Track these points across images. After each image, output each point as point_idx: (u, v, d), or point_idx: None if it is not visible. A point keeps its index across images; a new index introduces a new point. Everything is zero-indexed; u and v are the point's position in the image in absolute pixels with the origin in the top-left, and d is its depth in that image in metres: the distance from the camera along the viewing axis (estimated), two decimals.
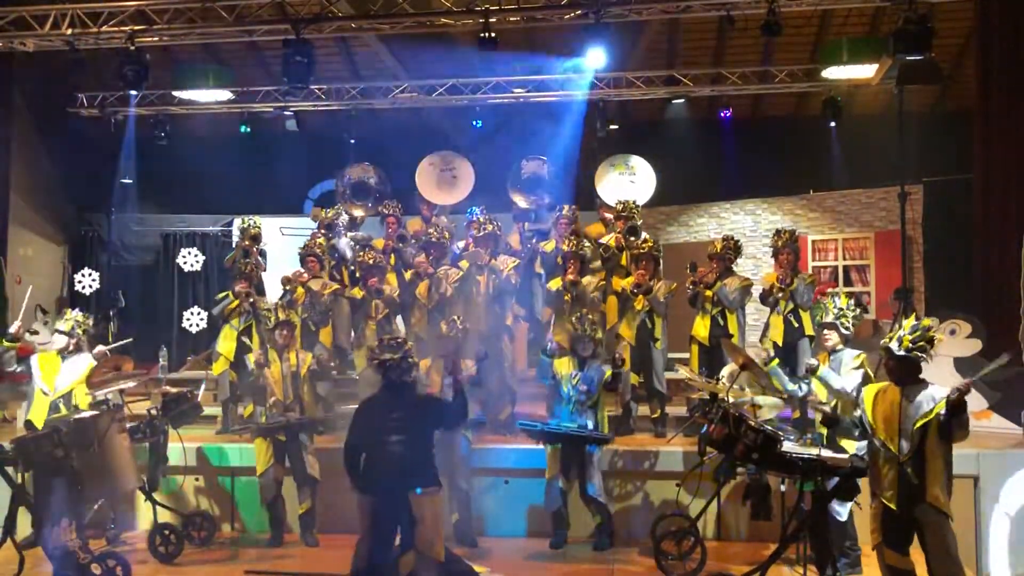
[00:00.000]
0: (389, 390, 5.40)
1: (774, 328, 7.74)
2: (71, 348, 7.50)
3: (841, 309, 6.30)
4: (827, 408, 6.05)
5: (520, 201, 9.71)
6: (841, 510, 6.02)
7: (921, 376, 5.05)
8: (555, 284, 8.31)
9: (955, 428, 4.86)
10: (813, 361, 6.29)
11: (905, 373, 5.01)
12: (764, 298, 7.90)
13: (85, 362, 7.37)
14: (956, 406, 4.79)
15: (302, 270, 8.70)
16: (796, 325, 7.69)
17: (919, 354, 4.97)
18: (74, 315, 7.64)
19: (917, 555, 5.06)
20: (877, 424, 5.06)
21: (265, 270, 9.32)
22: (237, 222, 9.51)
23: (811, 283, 7.86)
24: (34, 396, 7.38)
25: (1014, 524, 6.75)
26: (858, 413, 5.29)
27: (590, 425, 6.94)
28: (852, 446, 5.89)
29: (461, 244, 9.13)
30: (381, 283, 8.46)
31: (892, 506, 4.95)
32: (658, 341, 7.94)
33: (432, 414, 5.56)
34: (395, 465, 5.18)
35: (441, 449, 6.92)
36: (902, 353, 4.96)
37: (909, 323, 5.07)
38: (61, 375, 7.31)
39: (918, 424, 4.89)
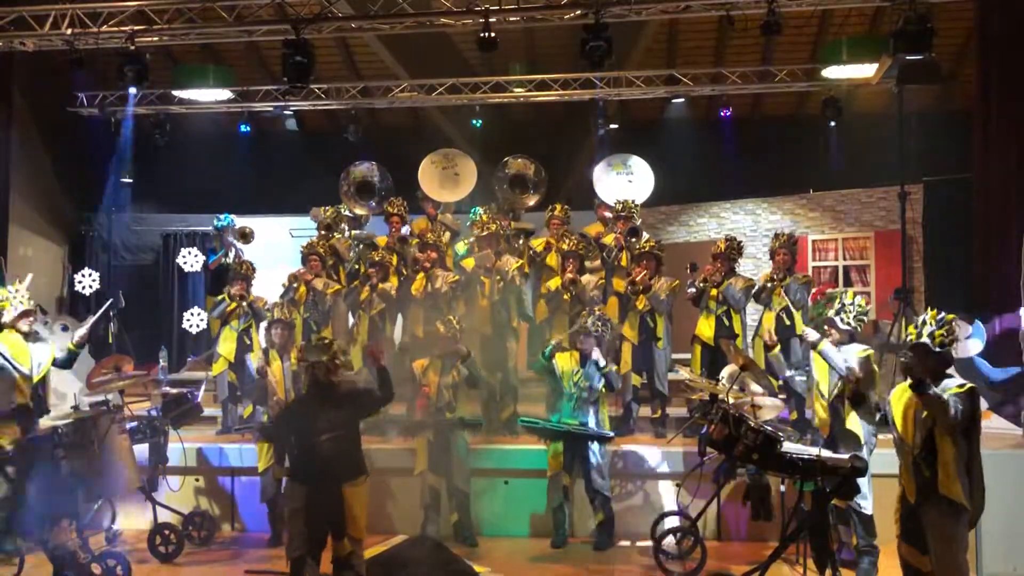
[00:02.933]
0: (318, 389, 5.56)
1: (765, 324, 7.77)
2: (30, 327, 6.81)
3: (843, 305, 6.27)
4: (856, 375, 5.92)
5: (506, 200, 9.69)
6: (866, 504, 6.00)
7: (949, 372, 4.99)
8: (555, 283, 8.31)
9: (927, 406, 4.75)
10: (814, 334, 6.08)
11: (933, 366, 4.87)
12: (758, 295, 7.94)
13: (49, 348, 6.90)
14: (915, 385, 4.71)
15: (304, 269, 8.66)
16: (787, 323, 7.72)
17: (946, 347, 4.90)
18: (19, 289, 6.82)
19: None
20: (897, 418, 5.04)
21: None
22: (232, 219, 9.49)
23: (805, 283, 7.89)
24: (15, 380, 6.62)
25: (1013, 524, 6.76)
26: (875, 398, 5.31)
27: (592, 422, 6.94)
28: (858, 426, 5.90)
29: (464, 245, 9.09)
30: (384, 280, 8.42)
31: (910, 499, 4.92)
32: (660, 340, 7.94)
33: (359, 404, 5.81)
34: (328, 461, 5.41)
35: (440, 449, 6.98)
36: (938, 349, 4.88)
37: (933, 316, 4.97)
38: (33, 357, 6.73)
39: (925, 413, 4.84)
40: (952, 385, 4.85)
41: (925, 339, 4.90)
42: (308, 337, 8.33)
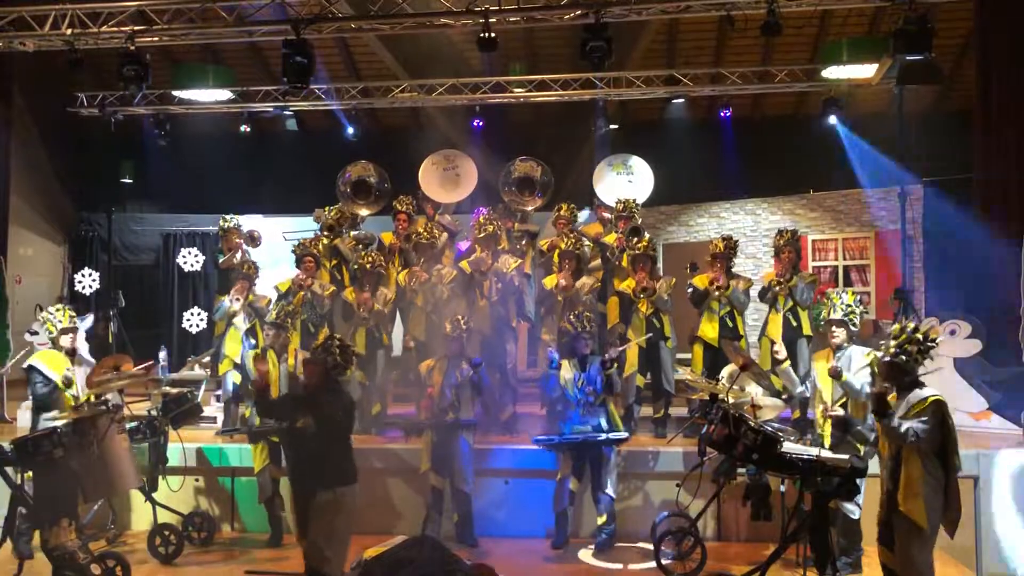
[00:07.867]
0: (314, 387, 5.50)
1: (772, 326, 7.72)
2: (72, 344, 6.95)
3: (850, 306, 6.29)
4: (840, 412, 6.01)
5: (513, 202, 9.68)
6: (853, 508, 6.01)
7: (920, 380, 5.00)
8: (550, 282, 8.29)
9: (884, 433, 4.89)
10: (838, 365, 6.11)
11: (892, 377, 5.00)
12: (763, 294, 7.90)
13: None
14: (876, 411, 4.88)
15: (303, 274, 8.50)
16: (795, 324, 7.69)
17: (904, 358, 4.94)
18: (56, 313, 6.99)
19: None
20: (878, 427, 5.09)
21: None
22: (238, 221, 9.48)
23: (812, 282, 7.87)
24: (61, 400, 6.76)
25: (1013, 524, 6.76)
26: (871, 420, 5.31)
27: (604, 424, 6.92)
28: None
29: (465, 244, 9.07)
30: (376, 288, 8.34)
31: (880, 507, 5.02)
32: (668, 340, 7.91)
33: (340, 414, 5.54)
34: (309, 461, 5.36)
35: (443, 449, 6.97)
36: (887, 358, 4.99)
37: (897, 328, 5.08)
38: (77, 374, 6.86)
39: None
40: (916, 399, 4.89)
41: (881, 350, 5.02)
42: (306, 339, 8.26)
